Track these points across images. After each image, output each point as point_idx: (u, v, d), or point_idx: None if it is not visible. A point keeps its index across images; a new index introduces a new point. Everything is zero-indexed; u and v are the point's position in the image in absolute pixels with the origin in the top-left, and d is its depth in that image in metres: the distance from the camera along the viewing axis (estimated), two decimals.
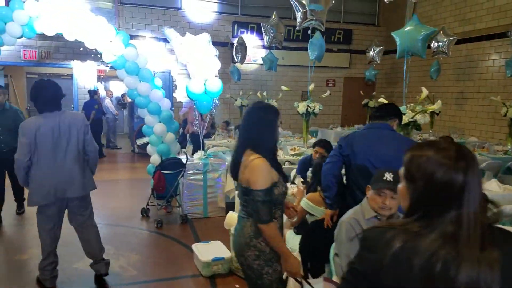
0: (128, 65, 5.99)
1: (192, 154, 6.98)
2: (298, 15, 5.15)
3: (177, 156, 5.25)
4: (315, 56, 5.20)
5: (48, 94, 3.19)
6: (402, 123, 3.36)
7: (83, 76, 9.56)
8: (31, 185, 3.06)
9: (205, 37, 4.90)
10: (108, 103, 10.64)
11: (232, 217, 3.59)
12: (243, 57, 8.65)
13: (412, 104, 3.52)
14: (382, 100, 3.74)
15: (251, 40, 10.04)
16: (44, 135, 2.98)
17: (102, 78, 12.81)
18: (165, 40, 9.85)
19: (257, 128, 1.92)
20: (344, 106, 11.44)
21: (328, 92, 5.92)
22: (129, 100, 11.73)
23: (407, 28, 3.80)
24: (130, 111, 10.47)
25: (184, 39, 4.87)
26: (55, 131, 3.02)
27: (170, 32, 4.91)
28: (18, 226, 4.82)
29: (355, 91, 10.71)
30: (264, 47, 10.48)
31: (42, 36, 5.79)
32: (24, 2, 5.55)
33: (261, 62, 10.46)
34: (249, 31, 10.25)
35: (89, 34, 5.82)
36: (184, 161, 4.90)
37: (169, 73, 9.86)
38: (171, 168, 4.78)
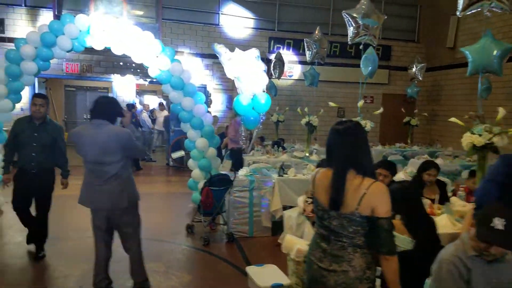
0: (174, 80, 5.98)
1: (231, 170, 6.88)
2: (350, 30, 5.01)
3: (224, 172, 5.11)
4: (368, 71, 5.03)
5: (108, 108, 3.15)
6: (478, 145, 3.11)
7: (122, 89, 9.69)
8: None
9: (254, 53, 4.82)
10: (145, 116, 10.76)
11: (291, 241, 3.38)
12: (281, 73, 8.57)
13: (488, 125, 3.26)
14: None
15: (287, 55, 9.97)
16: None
17: (137, 92, 13.02)
18: (202, 56, 9.93)
19: (359, 148, 1.79)
20: (382, 123, 11.12)
21: (381, 109, 5.70)
22: (160, 114, 11.87)
23: (479, 44, 3.56)
24: (166, 125, 10.51)
25: (233, 54, 4.80)
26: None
27: (219, 48, 4.87)
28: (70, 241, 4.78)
29: (394, 108, 10.39)
30: (299, 62, 10.43)
31: (85, 50, 5.88)
32: (75, 16, 5.65)
33: (296, 77, 10.41)
34: (285, 47, 10.20)
35: (136, 49, 5.85)
36: (231, 177, 4.76)
37: (205, 88, 9.88)
38: (219, 185, 4.65)
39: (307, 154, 6.97)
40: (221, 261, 4.26)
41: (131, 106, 9.41)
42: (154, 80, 9.62)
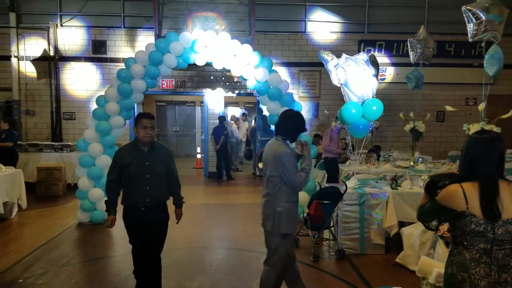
0: (272, 90, 5.93)
1: (327, 182, 6.62)
2: (470, 26, 4.48)
3: (333, 185, 4.87)
4: (494, 71, 4.46)
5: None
6: None
7: (213, 102, 9.98)
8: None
9: (363, 57, 4.54)
10: (234, 128, 10.97)
11: (428, 264, 3.03)
12: (376, 75, 8.10)
13: None
14: None
15: (378, 58, 9.44)
16: None
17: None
18: (287, 64, 9.85)
19: (504, 157, 1.90)
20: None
21: (510, 113, 5.04)
22: (242, 125, 12.01)
23: None
24: (252, 135, 10.60)
25: (340, 60, 4.57)
26: None
27: (326, 55, 4.68)
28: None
29: (502, 110, 9.24)
30: (393, 64, 9.84)
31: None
32: (179, 34, 5.89)
33: (389, 80, 9.83)
34: (376, 49, 9.69)
35: (235, 62, 5.92)
36: (341, 190, 4.51)
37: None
38: (328, 198, 4.42)
39: (412, 163, 6.43)
40: (335, 279, 4.02)
41: (222, 119, 9.64)
42: (242, 92, 9.99)
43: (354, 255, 4.59)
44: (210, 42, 5.80)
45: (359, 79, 4.48)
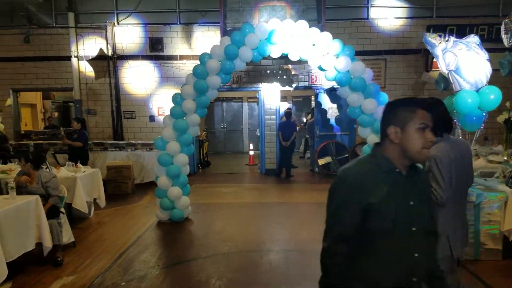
0: (354, 81, 5.55)
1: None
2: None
3: None
4: None
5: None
6: None
7: (268, 97, 9.70)
8: None
9: (474, 39, 4.08)
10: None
11: None
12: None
13: None
14: None
15: None
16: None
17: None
18: None
19: None
20: None
21: None
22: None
23: None
24: (311, 131, 10.23)
25: (448, 44, 4.13)
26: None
27: (432, 38, 4.25)
28: None
29: None
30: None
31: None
32: (254, 26, 5.62)
33: None
34: (447, 34, 9.02)
35: (314, 52, 5.58)
36: None
37: None
38: None
39: (506, 158, 5.85)
40: None
41: (289, 114, 9.35)
42: (299, 86, 9.63)
43: (467, 261, 4.17)
44: (288, 31, 5.49)
45: (472, 64, 4.03)
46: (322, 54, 5.58)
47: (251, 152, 11.72)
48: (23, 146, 8.88)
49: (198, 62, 5.70)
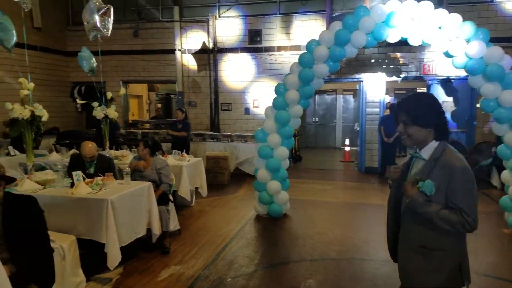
0: (490, 69, 4.69)
1: None
2: None
3: None
4: None
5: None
6: None
7: (371, 89, 8.97)
8: None
9: None
10: None
11: None
12: None
13: None
14: None
15: None
16: None
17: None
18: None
19: None
20: None
21: None
22: None
23: None
24: None
25: None
26: None
27: None
28: None
29: None
30: None
31: None
32: (370, 9, 5.07)
33: None
34: None
35: (441, 35, 4.84)
36: None
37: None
38: None
39: None
40: None
41: (393, 107, 8.56)
42: (408, 76, 8.72)
43: None
44: (409, 13, 4.84)
45: None
46: (449, 38, 4.82)
47: (347, 148, 11.07)
48: (131, 134, 9.53)
49: (296, 53, 5.38)
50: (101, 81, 6.25)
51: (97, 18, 5.57)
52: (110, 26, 5.75)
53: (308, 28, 8.90)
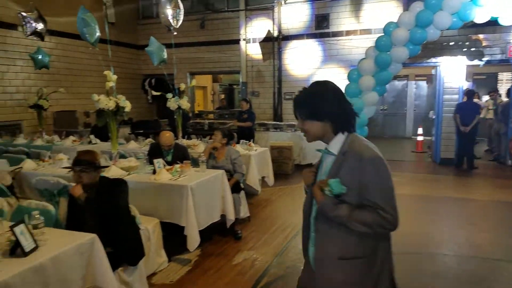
0: None
1: None
2: None
3: None
4: None
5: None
6: None
7: (448, 74, 8.31)
8: None
9: None
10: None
11: None
12: None
13: None
14: None
15: None
16: None
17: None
18: None
19: None
20: None
21: None
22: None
23: None
24: (504, 115, 8.41)
25: None
26: None
27: None
28: None
29: None
30: None
31: None
32: None
33: None
34: None
35: None
36: None
37: None
38: None
39: None
40: None
41: (471, 93, 7.90)
42: (492, 60, 7.95)
43: None
44: None
45: None
46: None
47: (420, 138, 10.43)
48: (198, 124, 9.83)
49: (366, 37, 5.09)
50: (174, 72, 6.44)
51: (169, 10, 5.76)
52: (181, 17, 5.92)
53: (381, 11, 8.45)
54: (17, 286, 1.86)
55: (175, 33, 6.17)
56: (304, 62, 9.50)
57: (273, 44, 9.66)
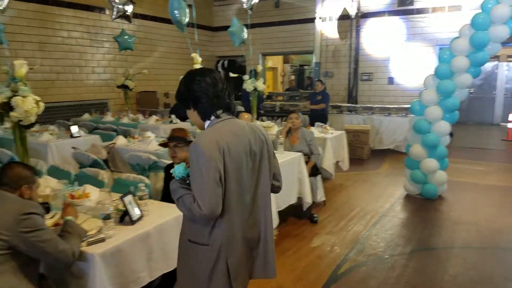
0: None
1: None
2: None
3: None
4: None
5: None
6: None
7: None
8: None
9: None
10: None
11: None
12: None
13: None
14: None
15: None
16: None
17: None
18: None
19: None
20: None
21: None
22: None
23: None
24: None
25: None
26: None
27: None
28: None
29: None
30: None
31: None
32: None
33: None
34: None
35: None
36: None
37: None
38: None
39: None
40: None
41: None
42: None
43: None
44: None
45: None
46: None
47: (510, 125, 9.43)
48: (268, 106, 9.86)
49: (455, 14, 4.59)
50: (250, 54, 6.47)
51: None
52: None
53: None
54: (127, 251, 2.04)
55: (250, 12, 6.16)
56: (383, 41, 8.99)
57: (351, 22, 9.25)
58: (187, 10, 4.33)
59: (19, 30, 7.02)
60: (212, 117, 1.63)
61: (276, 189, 1.87)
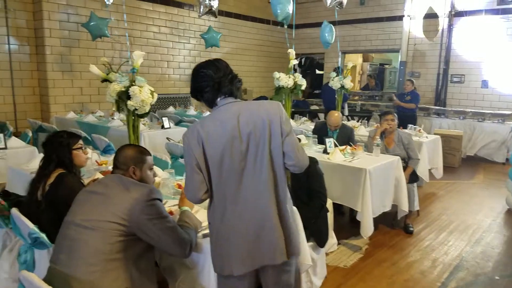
0: None
1: None
2: None
3: None
4: None
5: None
6: None
7: None
8: None
9: None
10: None
11: None
12: None
13: None
14: None
15: None
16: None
17: None
18: None
19: None
20: None
21: None
22: None
23: None
24: None
25: None
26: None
27: None
28: None
29: None
30: None
31: None
32: None
33: None
34: None
35: None
36: None
37: None
38: None
39: None
40: None
41: None
42: None
43: None
44: None
45: None
46: None
47: None
48: (348, 105, 9.52)
49: None
50: (339, 51, 6.27)
51: None
52: None
53: None
54: None
55: (337, 8, 5.96)
56: (478, 41, 8.22)
57: (443, 20, 8.59)
58: (288, 5, 4.27)
59: (116, 24, 7.50)
60: (214, 106, 1.74)
61: (290, 167, 1.73)
